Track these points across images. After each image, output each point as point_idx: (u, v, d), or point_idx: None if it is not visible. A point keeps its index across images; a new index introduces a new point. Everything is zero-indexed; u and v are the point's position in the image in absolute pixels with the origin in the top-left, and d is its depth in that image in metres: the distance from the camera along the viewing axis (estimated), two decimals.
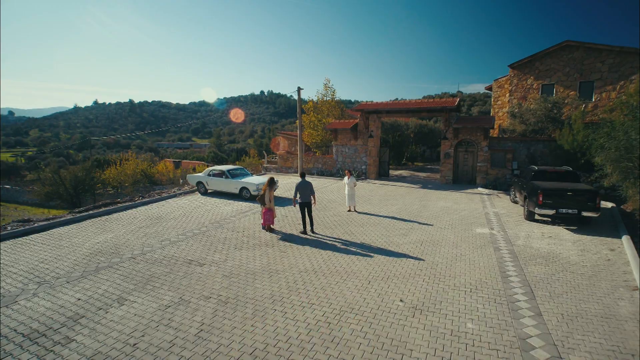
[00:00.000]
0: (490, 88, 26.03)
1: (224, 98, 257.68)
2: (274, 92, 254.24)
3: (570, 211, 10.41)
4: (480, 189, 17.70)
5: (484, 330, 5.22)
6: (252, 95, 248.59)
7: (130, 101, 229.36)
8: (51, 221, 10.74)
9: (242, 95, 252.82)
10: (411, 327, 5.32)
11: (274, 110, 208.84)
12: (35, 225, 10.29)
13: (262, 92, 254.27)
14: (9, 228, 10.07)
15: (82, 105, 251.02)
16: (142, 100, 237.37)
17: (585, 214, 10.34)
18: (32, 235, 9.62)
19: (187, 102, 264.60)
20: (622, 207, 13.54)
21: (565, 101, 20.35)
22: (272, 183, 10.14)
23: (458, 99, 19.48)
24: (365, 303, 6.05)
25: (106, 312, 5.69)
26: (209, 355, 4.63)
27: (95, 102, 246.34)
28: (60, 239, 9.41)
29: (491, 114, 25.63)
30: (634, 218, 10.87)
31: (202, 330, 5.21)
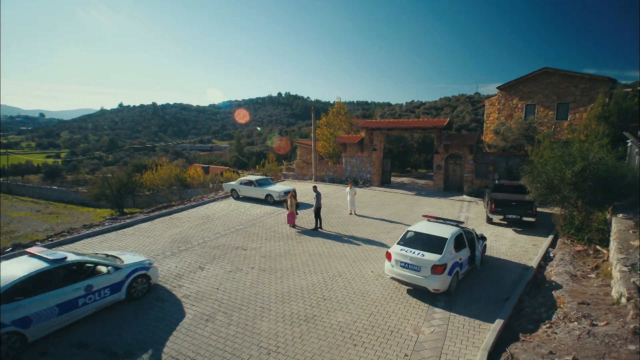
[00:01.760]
0: (483, 105, 29.20)
1: (242, 100, 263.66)
2: (291, 93, 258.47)
3: (514, 216, 13.90)
4: (464, 197, 21.09)
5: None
6: (270, 97, 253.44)
7: (153, 104, 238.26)
8: (133, 219, 14.93)
9: (260, 97, 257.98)
10: (374, 285, 9.07)
11: (291, 112, 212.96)
12: (124, 222, 14.46)
13: (279, 93, 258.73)
14: (106, 224, 14.28)
15: (108, 108, 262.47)
16: (164, 103, 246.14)
17: (525, 219, 13.82)
18: (125, 229, 13.79)
19: (206, 104, 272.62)
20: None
21: (544, 120, 23.48)
22: (294, 194, 14.03)
23: (448, 119, 22.92)
24: (349, 272, 9.83)
25: (195, 273, 9.67)
26: (258, 294, 8.52)
27: (120, 105, 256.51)
28: (145, 231, 13.55)
29: (484, 129, 28.81)
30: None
31: (252, 283, 9.10)
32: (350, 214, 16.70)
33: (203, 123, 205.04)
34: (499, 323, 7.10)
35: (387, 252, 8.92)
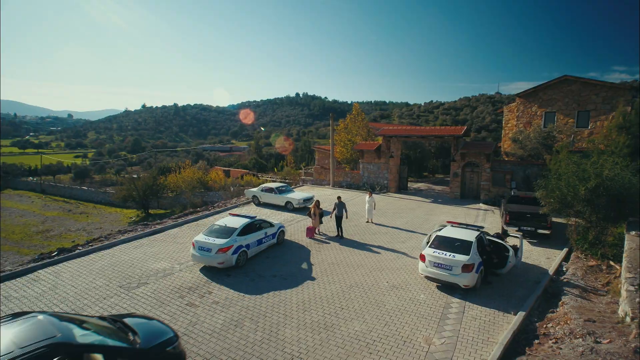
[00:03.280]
0: (502, 111, 29.15)
1: (261, 100, 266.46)
2: (309, 94, 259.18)
3: (528, 228, 14.14)
4: (480, 205, 21.26)
5: (430, 300, 9.44)
6: (288, 98, 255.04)
7: (175, 105, 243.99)
8: (163, 225, 15.96)
9: (278, 98, 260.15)
10: (388, 296, 9.65)
11: (309, 112, 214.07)
12: (155, 228, 15.50)
13: (297, 94, 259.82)
14: (139, 229, 15.35)
15: (132, 109, 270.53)
16: (185, 104, 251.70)
17: (539, 231, 14.04)
18: (156, 235, 14.82)
19: (226, 105, 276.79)
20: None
21: (564, 128, 23.36)
22: (318, 204, 14.90)
23: (465, 128, 23.14)
24: (365, 282, 10.44)
25: (223, 280, 10.48)
26: (281, 302, 9.24)
27: (144, 106, 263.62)
28: (174, 237, 14.54)
29: (502, 135, 28.77)
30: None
31: (274, 291, 9.83)
32: (367, 222, 17.24)
33: (222, 123, 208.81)
34: (506, 337, 7.57)
35: (421, 254, 10.32)
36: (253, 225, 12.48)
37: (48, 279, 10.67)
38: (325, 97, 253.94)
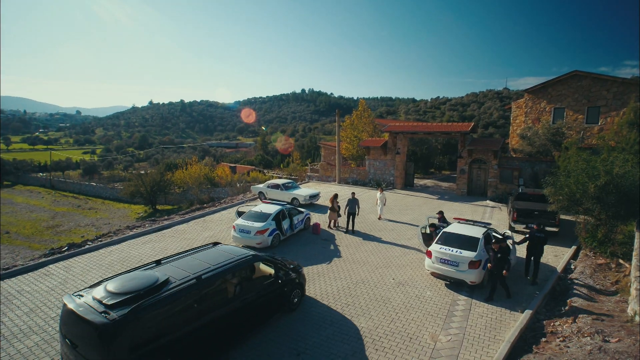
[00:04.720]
0: (510, 107, 28.85)
1: (267, 97, 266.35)
2: (315, 90, 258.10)
3: None
4: (488, 202, 21.13)
5: (437, 296, 9.44)
6: (294, 94, 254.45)
7: (181, 101, 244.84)
8: (170, 221, 16.13)
9: (284, 94, 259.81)
10: (394, 292, 9.66)
11: (315, 109, 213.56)
12: (162, 224, 15.67)
13: (303, 90, 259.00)
14: (147, 225, 15.51)
15: (139, 105, 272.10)
16: (191, 101, 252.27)
17: (547, 229, 13.88)
18: (164, 231, 14.97)
19: (232, 102, 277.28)
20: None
21: (573, 125, 23.06)
22: (336, 197, 15.43)
23: (472, 124, 22.94)
24: (371, 279, 10.46)
25: None
26: None
27: (151, 102, 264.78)
28: (182, 233, 14.67)
29: (510, 132, 28.49)
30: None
31: None
32: (380, 218, 17.22)
33: (229, 120, 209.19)
34: (513, 335, 7.55)
35: (428, 250, 10.29)
36: (285, 212, 13.74)
37: (59, 274, 10.85)
38: (331, 93, 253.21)
